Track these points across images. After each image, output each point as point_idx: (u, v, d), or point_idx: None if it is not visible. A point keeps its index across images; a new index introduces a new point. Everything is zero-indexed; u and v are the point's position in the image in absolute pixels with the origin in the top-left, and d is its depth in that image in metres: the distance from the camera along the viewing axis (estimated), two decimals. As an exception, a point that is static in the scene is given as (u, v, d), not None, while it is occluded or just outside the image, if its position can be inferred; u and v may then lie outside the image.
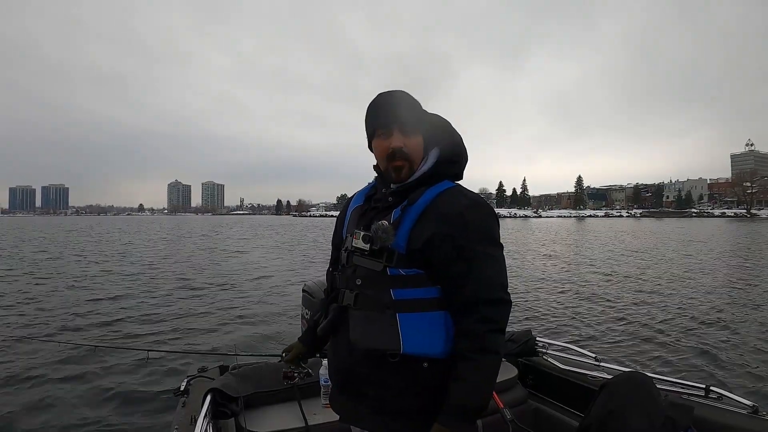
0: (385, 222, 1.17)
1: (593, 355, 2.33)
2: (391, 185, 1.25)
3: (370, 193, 1.33)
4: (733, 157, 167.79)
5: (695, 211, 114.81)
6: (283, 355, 1.50)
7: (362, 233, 1.19)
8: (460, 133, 1.31)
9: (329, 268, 1.40)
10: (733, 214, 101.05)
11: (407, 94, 1.24)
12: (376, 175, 1.32)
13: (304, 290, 2.93)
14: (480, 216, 1.17)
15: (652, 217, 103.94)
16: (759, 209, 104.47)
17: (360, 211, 1.30)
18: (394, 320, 1.14)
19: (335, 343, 1.30)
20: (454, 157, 1.27)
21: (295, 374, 1.69)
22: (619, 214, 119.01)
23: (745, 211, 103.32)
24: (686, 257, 16.53)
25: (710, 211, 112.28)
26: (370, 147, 1.27)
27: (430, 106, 1.28)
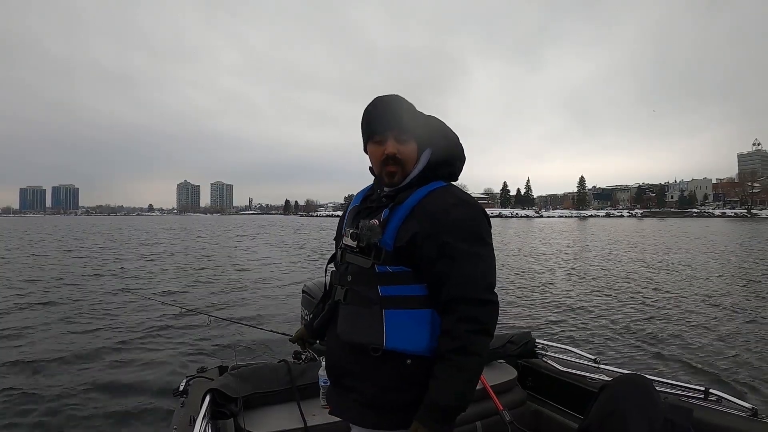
0: (375, 221, 1.21)
1: (592, 357, 2.33)
2: (385, 188, 1.29)
3: (367, 194, 1.37)
4: (740, 156, 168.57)
5: (696, 210, 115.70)
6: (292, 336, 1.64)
7: (351, 231, 1.24)
8: (465, 132, 1.32)
9: (327, 264, 1.44)
10: (733, 214, 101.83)
11: (402, 99, 1.27)
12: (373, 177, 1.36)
13: (303, 291, 2.93)
14: (466, 214, 1.18)
15: (654, 216, 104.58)
16: (761, 209, 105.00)
17: (356, 210, 1.35)
18: (380, 316, 1.17)
19: (328, 337, 1.35)
20: (448, 158, 1.29)
21: (303, 354, 2.10)
22: (620, 214, 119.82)
23: (745, 210, 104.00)
24: (685, 258, 16.52)
25: (711, 211, 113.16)
26: (365, 150, 1.30)
27: (443, 104, 1.27)
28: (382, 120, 1.23)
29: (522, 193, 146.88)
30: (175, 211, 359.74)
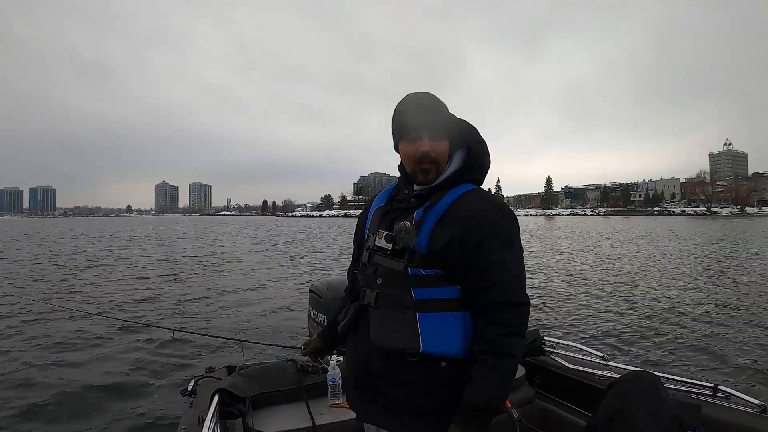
0: (408, 222, 1.19)
1: (601, 354, 2.32)
2: (415, 187, 1.27)
3: (392, 194, 1.35)
4: (711, 156, 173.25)
5: (657, 209, 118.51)
6: (302, 348, 1.57)
7: (385, 233, 1.21)
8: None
9: (351, 266, 1.41)
10: (692, 212, 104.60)
11: (435, 96, 1.26)
12: (399, 175, 1.34)
13: (311, 290, 2.94)
14: (500, 219, 1.18)
15: (619, 215, 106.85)
16: (723, 207, 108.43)
17: (382, 210, 1.32)
18: (414, 320, 1.16)
19: (354, 341, 1.32)
20: (479, 161, 1.29)
21: (310, 368, 1.88)
22: (584, 212, 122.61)
23: (705, 209, 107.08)
24: (688, 256, 16.41)
25: (671, 209, 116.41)
26: (396, 148, 1.29)
27: (441, 98, 1.27)
28: (417, 117, 1.21)
29: (492, 193, 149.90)
30: (154, 212, 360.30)
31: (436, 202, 1.20)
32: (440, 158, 1.23)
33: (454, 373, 1.15)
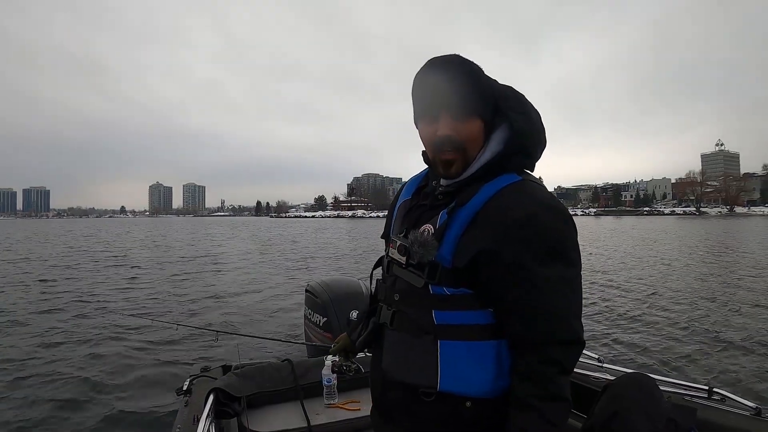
0: (429, 228, 0.97)
1: (596, 356, 2.32)
2: (442, 181, 1.02)
3: (421, 184, 1.11)
4: (703, 156, 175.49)
5: (647, 209, 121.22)
6: (332, 347, 1.37)
7: (399, 242, 1.00)
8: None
9: (373, 269, 1.21)
10: (682, 212, 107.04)
11: (464, 61, 0.97)
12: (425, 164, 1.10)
13: (307, 290, 2.95)
14: (550, 224, 0.91)
15: (609, 215, 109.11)
16: (713, 207, 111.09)
17: (407, 206, 1.09)
18: (434, 348, 0.95)
19: (373, 360, 1.13)
20: (526, 142, 0.99)
21: (344, 368, 1.60)
22: (574, 213, 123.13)
23: (695, 209, 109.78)
24: (689, 257, 16.48)
25: (661, 209, 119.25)
26: (416, 124, 1.03)
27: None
28: (434, 92, 0.94)
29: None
30: (147, 213, 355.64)
31: (466, 201, 0.94)
32: (468, 144, 0.95)
33: (481, 414, 0.94)
